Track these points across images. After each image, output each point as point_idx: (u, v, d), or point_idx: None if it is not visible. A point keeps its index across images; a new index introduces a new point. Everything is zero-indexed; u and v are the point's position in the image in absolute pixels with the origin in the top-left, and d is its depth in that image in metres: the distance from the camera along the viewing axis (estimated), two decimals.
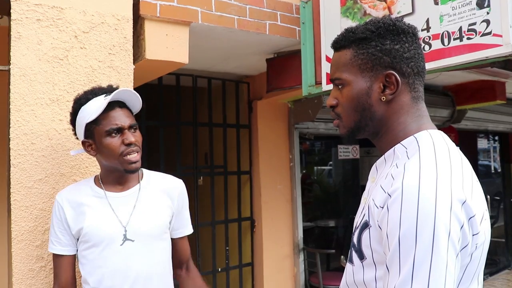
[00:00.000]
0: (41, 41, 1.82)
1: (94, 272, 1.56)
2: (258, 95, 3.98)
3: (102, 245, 1.56)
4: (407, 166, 0.94)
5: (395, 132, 1.06)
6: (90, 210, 1.59)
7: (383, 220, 0.92)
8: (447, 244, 0.85)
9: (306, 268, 4.22)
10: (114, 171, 1.62)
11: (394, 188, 0.91)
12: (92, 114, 1.54)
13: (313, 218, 6.00)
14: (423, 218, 0.85)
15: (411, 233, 0.85)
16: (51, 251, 1.62)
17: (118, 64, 2.00)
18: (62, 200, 1.61)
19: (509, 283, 6.06)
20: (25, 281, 1.72)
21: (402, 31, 1.04)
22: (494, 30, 1.84)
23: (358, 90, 1.06)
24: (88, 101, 1.59)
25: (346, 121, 1.10)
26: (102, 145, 1.56)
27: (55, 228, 1.61)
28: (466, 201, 0.89)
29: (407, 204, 0.87)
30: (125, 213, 1.60)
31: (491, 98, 4.57)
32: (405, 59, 1.03)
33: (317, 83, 2.69)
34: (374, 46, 1.04)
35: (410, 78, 1.05)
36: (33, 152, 1.78)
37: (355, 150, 5.07)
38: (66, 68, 1.87)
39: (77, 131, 1.63)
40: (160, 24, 2.30)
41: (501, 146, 7.22)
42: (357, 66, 1.06)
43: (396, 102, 1.05)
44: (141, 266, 1.57)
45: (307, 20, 2.74)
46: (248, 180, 4.05)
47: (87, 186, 1.66)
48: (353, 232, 1.05)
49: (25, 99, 1.77)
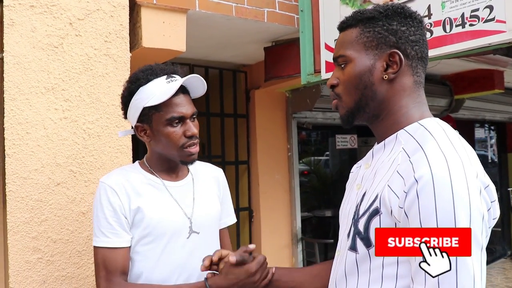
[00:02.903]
0: (35, 28, 1.78)
1: (155, 269, 1.41)
2: (255, 84, 3.95)
3: (166, 239, 1.42)
4: (428, 151, 0.92)
5: (397, 116, 1.05)
6: (149, 200, 1.43)
7: (412, 207, 0.89)
8: (481, 228, 0.87)
9: (304, 258, 4.22)
10: (167, 159, 1.49)
11: (421, 174, 0.89)
12: (154, 98, 1.39)
13: (311, 208, 5.99)
14: (459, 203, 0.85)
15: (449, 219, 0.86)
16: (103, 245, 1.38)
17: (114, 52, 1.96)
18: (115, 185, 1.41)
19: (505, 271, 6.10)
20: (22, 273, 1.69)
21: (409, 15, 1.05)
22: (497, 16, 1.81)
23: (361, 67, 1.05)
24: (149, 82, 1.42)
25: (346, 100, 1.08)
26: (160, 134, 1.42)
27: (107, 217, 1.39)
28: (489, 185, 0.92)
29: (440, 190, 0.86)
30: (188, 204, 1.49)
31: (489, 87, 4.56)
32: (410, 41, 1.03)
33: (316, 71, 2.65)
34: (381, 25, 1.04)
35: (413, 61, 1.04)
36: (28, 142, 1.74)
37: (353, 140, 5.06)
38: (61, 56, 1.83)
39: (130, 113, 1.46)
40: (157, 11, 2.25)
41: (498, 136, 7.23)
42: (362, 44, 1.05)
43: (398, 83, 1.04)
44: None
45: (306, 7, 2.70)
46: (246, 170, 4.03)
47: (137, 172, 1.49)
48: (356, 220, 1.02)
49: (19, 87, 1.73)
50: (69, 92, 1.84)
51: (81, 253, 1.82)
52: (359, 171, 1.16)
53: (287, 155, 4.11)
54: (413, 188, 0.89)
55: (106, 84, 1.92)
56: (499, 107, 5.88)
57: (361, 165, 1.17)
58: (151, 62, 2.59)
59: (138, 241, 1.42)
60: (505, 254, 6.73)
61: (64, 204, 1.80)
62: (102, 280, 1.38)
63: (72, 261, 1.80)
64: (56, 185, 1.79)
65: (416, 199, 0.89)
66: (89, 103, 1.88)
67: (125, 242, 1.41)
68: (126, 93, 1.47)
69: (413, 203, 0.89)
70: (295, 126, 4.17)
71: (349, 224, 1.06)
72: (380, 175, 1.01)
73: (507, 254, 6.76)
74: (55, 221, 1.77)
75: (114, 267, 1.38)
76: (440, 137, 0.96)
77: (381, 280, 0.96)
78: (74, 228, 1.81)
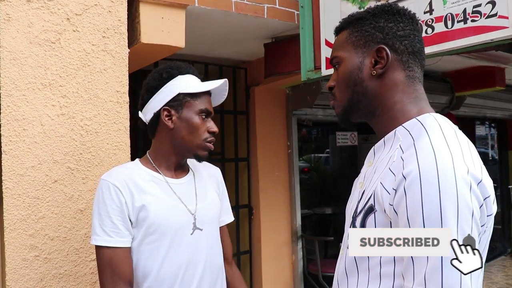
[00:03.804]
0: (32, 24, 1.75)
1: (162, 268, 1.41)
2: (255, 81, 3.93)
3: (172, 236, 1.43)
4: (419, 147, 0.91)
5: (393, 112, 1.05)
6: (153, 197, 1.43)
7: (400, 204, 0.88)
8: (471, 225, 0.84)
9: (304, 255, 4.20)
10: (176, 153, 1.52)
11: (409, 170, 0.88)
12: (193, 87, 1.49)
13: (311, 205, 5.98)
14: (446, 199, 0.83)
15: (435, 215, 0.84)
16: (104, 244, 1.38)
17: (112, 47, 1.94)
18: (118, 182, 1.41)
19: (505, 269, 6.09)
20: (19, 271, 1.68)
21: (397, 12, 1.07)
22: (500, 11, 1.79)
23: (350, 66, 1.08)
24: (188, 73, 1.53)
25: (340, 99, 1.12)
26: (189, 122, 1.48)
27: (111, 216, 1.38)
28: (482, 180, 0.88)
29: (427, 186, 0.85)
30: (191, 201, 1.51)
31: (490, 84, 4.54)
32: (399, 36, 1.05)
33: (316, 68, 2.63)
34: (368, 24, 1.08)
35: (403, 56, 1.05)
36: (25, 139, 1.72)
37: (353, 137, 5.04)
38: (59, 52, 1.81)
39: (160, 95, 1.50)
40: (156, 7, 2.23)
41: (499, 133, 7.22)
42: (352, 43, 1.09)
43: (389, 79, 1.05)
44: (210, 256, 1.50)
45: (306, 3, 2.67)
46: (245, 167, 4.01)
47: (139, 169, 1.50)
48: (354, 217, 1.02)
49: (16, 83, 1.71)
50: (66, 88, 1.82)
51: (78, 250, 1.80)
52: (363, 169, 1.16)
53: (287, 152, 4.10)
54: (401, 184, 0.89)
55: (104, 80, 1.90)
56: (500, 104, 5.86)
57: (365, 163, 1.17)
58: (150, 58, 2.59)
59: (143, 239, 1.42)
60: (505, 251, 6.72)
61: (62, 201, 1.78)
62: (108, 282, 1.38)
63: (69, 259, 1.78)
64: (54, 182, 1.77)
65: (404, 196, 0.88)
66: (87, 100, 1.86)
67: (127, 242, 1.41)
68: (165, 75, 1.52)
69: (401, 200, 0.88)
70: (295, 123, 4.15)
71: (350, 221, 1.06)
72: (378, 173, 1.01)
73: (507, 251, 6.75)
74: (52, 219, 1.76)
75: (121, 270, 1.38)
76: (433, 132, 0.94)
77: (380, 278, 0.95)
78: (72, 226, 1.80)
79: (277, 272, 3.99)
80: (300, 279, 4.13)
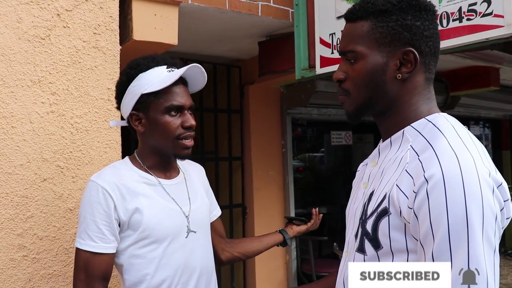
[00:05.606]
0: (21, 19, 1.72)
1: (157, 272, 1.37)
2: (250, 80, 3.90)
3: (168, 240, 1.38)
4: (438, 149, 0.89)
5: (406, 114, 1.01)
6: (146, 200, 1.38)
7: (422, 207, 0.86)
8: (494, 229, 0.84)
9: (298, 255, 4.19)
10: (160, 154, 1.45)
11: (432, 173, 0.86)
12: (154, 84, 1.36)
13: (305, 204, 5.97)
14: (471, 202, 0.82)
15: (461, 219, 0.82)
16: (88, 249, 1.34)
17: (103, 44, 1.91)
18: (107, 184, 1.34)
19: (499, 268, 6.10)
20: (6, 271, 1.64)
21: (424, 8, 0.99)
22: (495, 10, 1.77)
23: (373, 65, 0.99)
24: (149, 69, 1.40)
25: (355, 97, 1.03)
26: (156, 123, 1.38)
27: (97, 221, 1.33)
28: (502, 184, 0.87)
29: (452, 190, 0.83)
30: (185, 202, 1.47)
31: (485, 84, 4.54)
32: (425, 37, 0.98)
33: (310, 66, 2.62)
34: (395, 20, 0.98)
35: (427, 58, 1.00)
36: (14, 136, 1.69)
37: (348, 136, 5.03)
38: (48, 48, 1.78)
39: (127, 100, 1.42)
40: (148, 4, 2.20)
41: (493, 133, 7.23)
42: (375, 40, 0.99)
43: (411, 82, 1.00)
44: (204, 259, 1.47)
45: (301, 1, 2.65)
46: (239, 166, 3.99)
47: (130, 170, 1.43)
48: (364, 220, 0.99)
49: (4, 80, 1.68)
50: (56, 85, 1.78)
51: (68, 250, 1.77)
52: (365, 169, 1.12)
53: (281, 151, 4.08)
54: (423, 187, 0.86)
55: (95, 77, 1.87)
56: (494, 104, 5.87)
57: (367, 163, 1.14)
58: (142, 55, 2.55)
59: (135, 243, 1.37)
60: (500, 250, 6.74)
61: (51, 200, 1.75)
62: (80, 284, 1.34)
63: (58, 259, 1.75)
64: (43, 180, 1.74)
65: (426, 199, 0.85)
66: (77, 97, 1.83)
67: (112, 249, 1.36)
68: (124, 78, 1.43)
69: (423, 203, 0.86)
70: (290, 122, 4.13)
71: (356, 224, 1.03)
72: (388, 174, 0.98)
73: (501, 251, 6.76)
74: (41, 218, 1.72)
75: (96, 272, 1.34)
76: (449, 133, 0.92)
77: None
78: (61, 225, 1.77)
79: (271, 272, 3.97)
80: (294, 278, 4.11)
